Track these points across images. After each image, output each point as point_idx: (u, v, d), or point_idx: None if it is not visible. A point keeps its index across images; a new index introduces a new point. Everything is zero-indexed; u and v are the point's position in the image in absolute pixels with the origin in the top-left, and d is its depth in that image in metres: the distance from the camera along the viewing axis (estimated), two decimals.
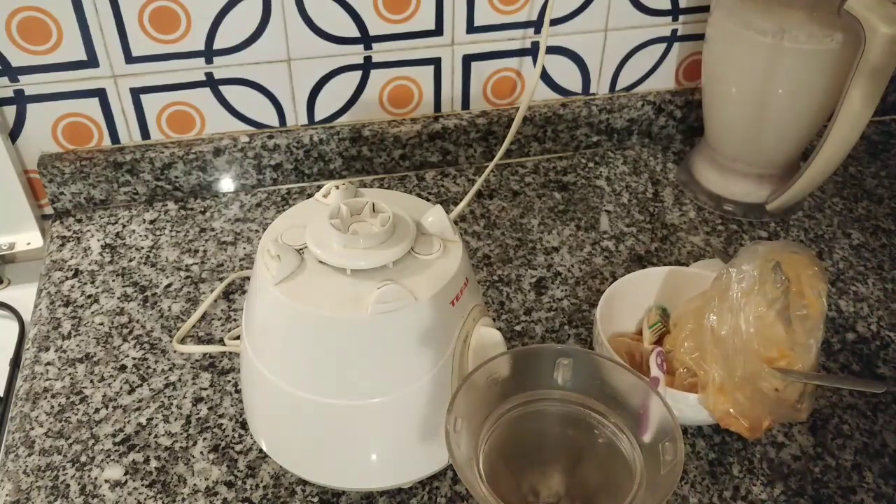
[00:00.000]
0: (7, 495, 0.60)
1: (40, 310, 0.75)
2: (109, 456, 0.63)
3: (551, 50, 0.89)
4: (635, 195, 0.89)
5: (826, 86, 0.76)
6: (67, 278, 0.78)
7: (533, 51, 0.88)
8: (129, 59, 0.79)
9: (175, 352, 0.71)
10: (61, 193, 0.84)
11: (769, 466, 0.62)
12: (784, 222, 0.85)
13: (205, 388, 0.68)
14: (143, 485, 0.61)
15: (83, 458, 0.62)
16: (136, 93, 0.82)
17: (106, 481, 0.61)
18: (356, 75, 0.86)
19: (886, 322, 0.74)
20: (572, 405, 0.54)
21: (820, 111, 0.80)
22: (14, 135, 0.82)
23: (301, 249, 0.53)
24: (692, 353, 0.62)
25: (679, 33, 0.91)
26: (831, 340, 0.72)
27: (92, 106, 0.82)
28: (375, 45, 0.84)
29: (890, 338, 0.72)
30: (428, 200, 0.61)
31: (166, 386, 0.68)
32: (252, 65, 0.83)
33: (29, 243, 0.84)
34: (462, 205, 0.84)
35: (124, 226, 0.84)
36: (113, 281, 0.78)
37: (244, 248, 0.81)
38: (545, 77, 0.91)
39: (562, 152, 0.95)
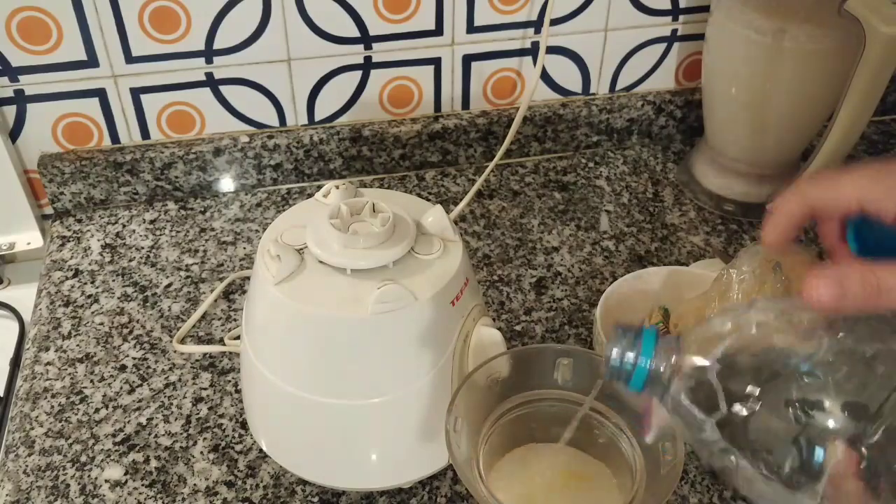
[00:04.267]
0: (7, 495, 0.60)
1: (40, 310, 0.75)
2: (109, 456, 0.63)
3: (551, 50, 0.89)
4: (635, 195, 0.89)
5: (826, 86, 0.76)
6: (67, 278, 0.78)
7: (533, 51, 0.88)
8: (129, 58, 0.79)
9: (175, 352, 0.71)
10: (61, 193, 0.84)
11: None
12: None
13: (205, 388, 0.68)
14: (143, 485, 0.61)
15: (83, 458, 0.62)
16: (136, 93, 0.82)
17: (106, 481, 0.61)
18: (356, 75, 0.86)
19: None
20: (572, 405, 0.54)
21: (820, 111, 0.80)
22: (14, 135, 0.82)
23: (301, 249, 0.53)
24: None
25: (679, 33, 0.91)
26: None
27: (92, 106, 0.82)
28: (375, 45, 0.84)
29: None
30: (428, 200, 0.61)
31: (166, 386, 0.68)
32: (252, 65, 0.83)
33: (29, 243, 0.84)
34: (462, 205, 0.84)
35: (124, 226, 0.84)
36: (113, 281, 0.78)
37: (244, 248, 0.81)
38: (545, 77, 0.91)
39: (562, 152, 0.95)
